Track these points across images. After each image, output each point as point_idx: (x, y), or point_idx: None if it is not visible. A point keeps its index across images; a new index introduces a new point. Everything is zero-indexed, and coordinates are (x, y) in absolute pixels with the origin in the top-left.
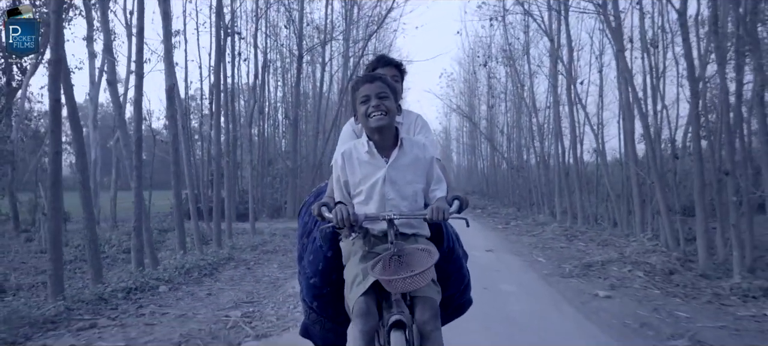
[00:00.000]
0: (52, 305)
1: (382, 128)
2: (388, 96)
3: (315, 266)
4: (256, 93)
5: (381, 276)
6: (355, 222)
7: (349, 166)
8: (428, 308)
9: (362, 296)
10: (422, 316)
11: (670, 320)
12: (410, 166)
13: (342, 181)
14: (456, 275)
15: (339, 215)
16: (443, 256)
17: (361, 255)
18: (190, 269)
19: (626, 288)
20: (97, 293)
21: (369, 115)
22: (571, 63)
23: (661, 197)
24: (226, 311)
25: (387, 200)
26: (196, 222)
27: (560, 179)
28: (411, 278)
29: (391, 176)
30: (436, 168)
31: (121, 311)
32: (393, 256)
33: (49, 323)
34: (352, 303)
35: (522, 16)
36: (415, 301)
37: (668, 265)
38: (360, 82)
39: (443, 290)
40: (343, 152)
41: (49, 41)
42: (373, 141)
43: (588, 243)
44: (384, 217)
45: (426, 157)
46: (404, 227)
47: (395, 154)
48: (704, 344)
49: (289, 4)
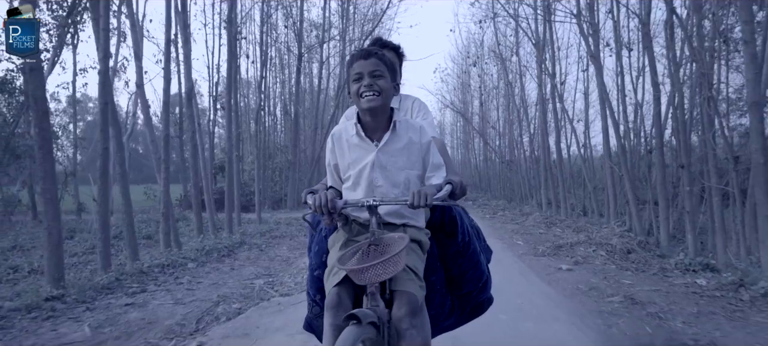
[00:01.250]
0: (105, 276)
1: (374, 110)
2: (383, 75)
3: (319, 258)
4: (259, 92)
5: (349, 267)
6: (333, 209)
7: (338, 148)
8: (405, 302)
9: (335, 287)
10: (399, 311)
11: (615, 285)
12: (403, 151)
13: (332, 164)
14: (473, 271)
15: (316, 201)
16: (458, 251)
17: (341, 243)
18: (210, 250)
19: (588, 264)
20: (138, 267)
21: (361, 94)
22: (554, 66)
23: (630, 187)
24: (250, 281)
25: (375, 187)
26: (211, 211)
27: (546, 173)
28: (381, 265)
29: (381, 161)
30: (434, 153)
31: (161, 280)
32: (371, 245)
33: (105, 289)
34: (327, 293)
35: (511, 18)
36: (393, 295)
37: (627, 246)
38: (354, 57)
39: (460, 288)
40: (333, 134)
41: (98, 54)
42: (365, 123)
43: (564, 229)
44: (363, 203)
45: (422, 141)
46: (392, 217)
47: (387, 137)
48: (635, 299)
49: (290, 7)
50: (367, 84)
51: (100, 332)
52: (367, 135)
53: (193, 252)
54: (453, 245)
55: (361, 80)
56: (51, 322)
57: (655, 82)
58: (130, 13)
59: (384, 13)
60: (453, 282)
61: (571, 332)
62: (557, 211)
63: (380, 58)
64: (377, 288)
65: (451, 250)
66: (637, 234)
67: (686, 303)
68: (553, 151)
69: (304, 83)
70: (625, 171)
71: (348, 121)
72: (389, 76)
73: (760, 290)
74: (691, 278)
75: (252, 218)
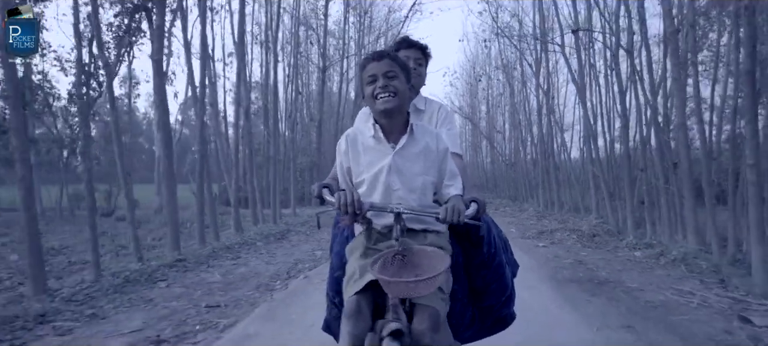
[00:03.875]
0: (204, 249)
1: (390, 111)
2: (397, 75)
3: (340, 259)
4: (289, 104)
5: (380, 276)
6: (359, 210)
7: (352, 151)
8: (427, 317)
9: (355, 296)
10: (420, 326)
11: (572, 255)
12: (420, 156)
13: (344, 167)
14: (497, 284)
15: (342, 198)
16: (483, 262)
17: (361, 251)
18: (267, 234)
19: (559, 243)
20: (222, 244)
21: (375, 96)
22: (548, 83)
23: (604, 188)
24: (311, 252)
25: (392, 191)
26: (253, 206)
27: (543, 175)
28: (415, 284)
29: (398, 165)
30: (450, 162)
31: (244, 253)
32: (396, 254)
33: (209, 257)
34: (345, 301)
35: (512, 45)
36: (414, 308)
37: (594, 231)
38: (367, 60)
39: (482, 300)
40: (348, 135)
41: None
42: (381, 125)
43: (551, 221)
44: (392, 209)
45: (439, 148)
46: (413, 222)
47: (404, 140)
48: (582, 262)
49: (317, 27)
50: (381, 86)
51: (227, 277)
52: (384, 138)
53: (255, 236)
54: (478, 256)
55: (376, 82)
56: (191, 273)
57: (623, 101)
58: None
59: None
60: (475, 293)
61: (533, 275)
62: (551, 208)
63: (393, 59)
64: (399, 299)
65: (475, 260)
66: (609, 224)
67: (617, 264)
68: (549, 155)
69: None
70: (600, 174)
71: (365, 122)
72: (403, 77)
73: (671, 257)
74: (631, 252)
75: (284, 213)
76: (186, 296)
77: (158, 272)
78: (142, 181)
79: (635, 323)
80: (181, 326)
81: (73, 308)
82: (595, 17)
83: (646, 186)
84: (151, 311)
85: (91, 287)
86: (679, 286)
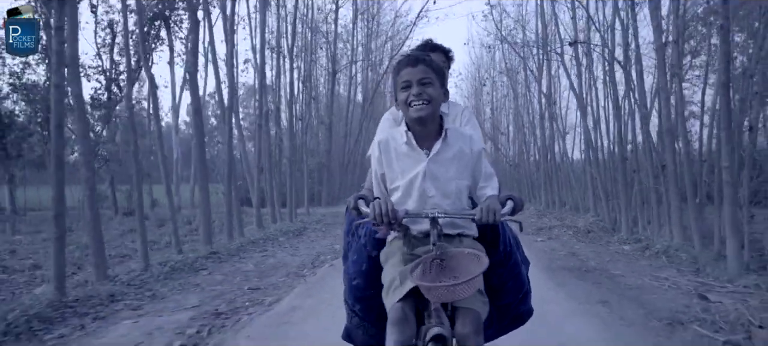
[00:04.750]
0: (232, 242)
1: (424, 119)
2: (432, 82)
3: (358, 266)
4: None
5: (421, 282)
6: (394, 219)
7: (385, 158)
8: (470, 320)
9: (399, 303)
10: (463, 329)
11: (567, 248)
12: (454, 161)
13: (379, 174)
14: (513, 282)
15: (377, 209)
16: (499, 261)
17: (399, 257)
18: (286, 231)
19: (556, 239)
20: (248, 239)
21: (409, 103)
22: (550, 90)
23: (601, 188)
24: (330, 246)
25: (428, 198)
26: (272, 205)
27: (545, 176)
28: (454, 287)
29: (432, 171)
30: (485, 163)
31: (270, 247)
32: (435, 259)
33: (239, 250)
34: (388, 309)
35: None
36: (456, 312)
37: (589, 227)
38: (402, 64)
39: (499, 299)
40: (380, 142)
41: (189, 89)
42: (415, 131)
43: (551, 219)
44: (427, 215)
45: (473, 150)
46: (448, 227)
47: (438, 146)
48: (575, 254)
49: (327, 33)
50: (415, 93)
51: (259, 266)
52: (417, 143)
53: (276, 232)
54: (495, 255)
55: (410, 89)
56: (226, 263)
57: (620, 119)
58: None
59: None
60: (492, 292)
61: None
62: (552, 207)
63: (428, 65)
64: (441, 304)
65: (492, 259)
66: (604, 222)
67: (606, 256)
68: (551, 159)
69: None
70: (597, 175)
71: (397, 127)
72: (438, 82)
73: (654, 250)
74: (621, 246)
75: (299, 212)
76: (227, 281)
77: (197, 263)
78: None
79: (612, 300)
80: (232, 303)
81: (134, 290)
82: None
83: (638, 186)
84: (202, 293)
85: (143, 275)
86: (657, 273)
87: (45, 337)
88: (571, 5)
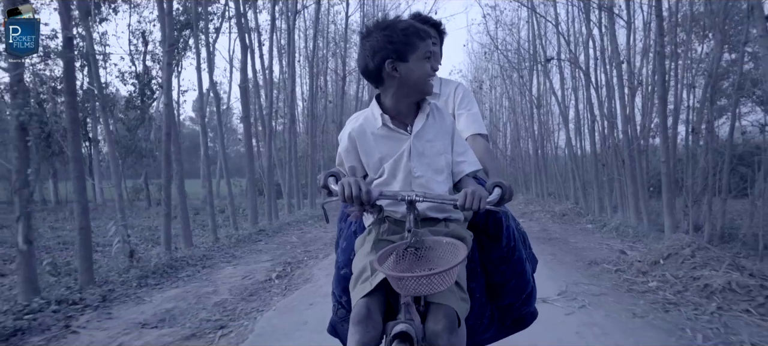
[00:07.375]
0: (270, 224)
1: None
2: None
3: (346, 255)
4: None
5: (391, 272)
6: (367, 200)
7: (362, 145)
8: (442, 317)
9: (364, 298)
10: (435, 326)
11: (541, 226)
12: (438, 135)
13: (347, 166)
14: (516, 280)
15: (346, 189)
16: (501, 256)
17: (372, 243)
18: (312, 216)
19: (536, 221)
20: (282, 222)
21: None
22: (539, 93)
23: (578, 178)
24: None
25: (414, 178)
26: (289, 196)
27: (534, 170)
28: (427, 279)
29: (418, 148)
30: (457, 134)
31: (303, 227)
32: (409, 247)
33: (265, 232)
34: (353, 304)
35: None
36: (429, 307)
37: (564, 211)
38: (427, 33)
39: (500, 298)
40: (352, 132)
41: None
42: (397, 111)
43: (535, 206)
44: (403, 197)
45: (446, 121)
46: (432, 211)
47: (421, 122)
48: (545, 229)
49: (337, 40)
50: (433, 67)
51: (302, 239)
52: (395, 125)
53: (303, 216)
54: (496, 250)
55: (430, 60)
56: (275, 237)
57: (601, 110)
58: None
59: None
60: (493, 291)
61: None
62: (540, 196)
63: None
64: (412, 298)
65: (493, 255)
66: (579, 207)
67: (571, 231)
68: (540, 155)
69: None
70: (576, 169)
71: (370, 115)
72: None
73: (610, 227)
74: (585, 225)
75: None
76: (280, 248)
77: (251, 237)
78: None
79: (558, 253)
80: (295, 258)
81: (217, 253)
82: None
83: (606, 177)
84: (267, 255)
85: (216, 245)
86: (603, 242)
87: (179, 274)
88: (555, 21)
